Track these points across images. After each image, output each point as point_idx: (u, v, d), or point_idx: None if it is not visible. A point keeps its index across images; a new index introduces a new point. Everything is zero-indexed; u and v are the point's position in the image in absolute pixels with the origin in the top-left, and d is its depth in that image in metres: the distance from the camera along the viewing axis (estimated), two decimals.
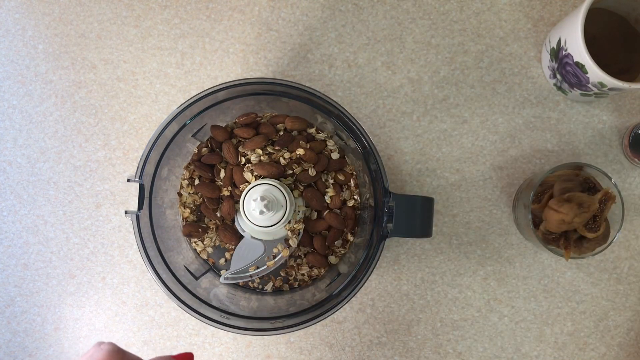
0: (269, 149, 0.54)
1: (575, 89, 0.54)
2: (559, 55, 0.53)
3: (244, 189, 0.51)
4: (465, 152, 0.58)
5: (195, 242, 0.56)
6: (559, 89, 0.57)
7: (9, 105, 0.59)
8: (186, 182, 0.55)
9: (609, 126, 0.58)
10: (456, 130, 0.58)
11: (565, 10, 0.58)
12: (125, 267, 0.59)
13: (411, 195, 0.47)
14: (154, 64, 0.59)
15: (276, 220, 0.50)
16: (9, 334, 0.59)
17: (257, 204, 0.49)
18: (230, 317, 0.48)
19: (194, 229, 0.55)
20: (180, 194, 0.56)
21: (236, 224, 0.55)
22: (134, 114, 0.59)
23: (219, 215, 0.55)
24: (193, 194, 0.56)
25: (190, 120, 0.49)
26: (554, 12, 0.58)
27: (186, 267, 0.52)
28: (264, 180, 0.51)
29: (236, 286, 0.56)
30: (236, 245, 0.54)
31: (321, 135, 0.55)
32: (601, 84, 0.50)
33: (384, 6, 0.59)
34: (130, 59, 0.59)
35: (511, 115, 0.58)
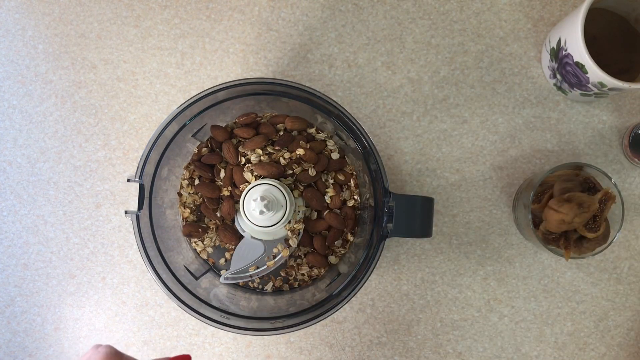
0: (269, 149, 0.54)
1: (575, 89, 0.54)
2: (559, 55, 0.53)
3: (244, 189, 0.51)
4: (465, 152, 0.58)
5: (195, 242, 0.56)
6: (559, 89, 0.57)
7: (9, 105, 0.59)
8: (186, 182, 0.55)
9: (609, 126, 0.58)
10: (456, 130, 0.58)
11: (565, 10, 0.58)
12: (125, 267, 0.59)
13: (411, 195, 0.47)
14: (154, 64, 0.59)
15: (276, 220, 0.50)
16: (9, 334, 0.59)
17: (257, 204, 0.49)
18: (230, 317, 0.48)
19: (194, 229, 0.55)
20: (180, 194, 0.56)
21: (236, 224, 0.55)
22: (134, 114, 0.59)
23: (219, 215, 0.55)
24: (193, 194, 0.56)
25: (190, 120, 0.49)
26: (554, 12, 0.58)
27: (186, 267, 0.52)
28: (264, 180, 0.51)
29: (236, 286, 0.56)
30: (236, 245, 0.54)
31: (321, 135, 0.55)
32: (601, 84, 0.50)
33: (384, 6, 0.59)
34: (130, 59, 0.59)
35: (511, 115, 0.58)
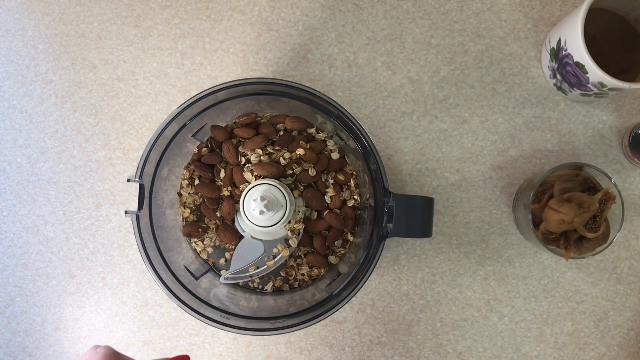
0: (269, 149, 0.54)
1: (575, 89, 0.54)
2: (559, 55, 0.53)
3: (244, 189, 0.51)
4: (465, 152, 0.58)
5: (195, 242, 0.56)
6: (559, 89, 0.57)
7: (9, 105, 0.59)
8: (186, 182, 0.55)
9: (609, 126, 0.58)
10: (456, 130, 0.58)
11: (565, 10, 0.58)
12: (125, 267, 0.59)
13: (411, 195, 0.47)
14: (154, 64, 0.59)
15: (276, 220, 0.50)
16: (9, 334, 0.59)
17: (257, 204, 0.49)
18: (230, 317, 0.48)
19: (194, 229, 0.55)
20: (180, 194, 0.56)
21: (236, 224, 0.55)
22: (134, 114, 0.59)
23: (219, 215, 0.55)
24: (193, 194, 0.55)
25: (190, 120, 0.49)
26: (554, 12, 0.58)
27: (186, 267, 0.52)
28: (264, 180, 0.51)
29: (236, 286, 0.56)
30: (236, 245, 0.54)
31: (321, 135, 0.55)
32: (601, 84, 0.50)
33: (384, 6, 0.59)
34: (130, 59, 0.59)
35: (511, 115, 0.58)
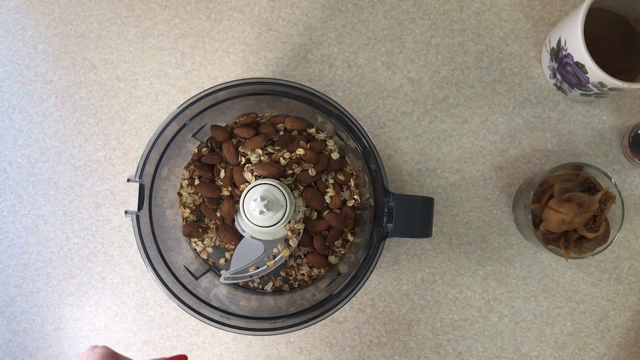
0: (269, 149, 0.54)
1: (575, 89, 0.54)
2: (559, 55, 0.53)
3: (244, 189, 0.51)
4: (465, 152, 0.58)
5: (195, 242, 0.56)
6: (559, 89, 0.57)
7: (9, 105, 0.59)
8: (186, 182, 0.55)
9: (609, 126, 0.58)
10: (456, 130, 0.58)
11: (565, 10, 0.58)
12: (125, 267, 0.59)
13: (411, 195, 0.47)
14: (154, 64, 0.59)
15: (276, 220, 0.50)
16: (9, 334, 0.59)
17: (257, 204, 0.49)
18: (230, 317, 0.48)
19: (194, 229, 0.55)
20: (180, 194, 0.56)
21: (236, 224, 0.55)
22: (134, 114, 0.59)
23: (219, 215, 0.55)
24: (193, 194, 0.55)
25: (190, 120, 0.49)
26: (554, 12, 0.58)
27: (186, 267, 0.52)
28: (264, 180, 0.51)
29: (236, 286, 0.56)
30: (236, 245, 0.54)
31: (321, 135, 0.55)
32: (601, 84, 0.50)
33: (384, 6, 0.59)
34: (130, 59, 0.59)
35: (511, 115, 0.58)
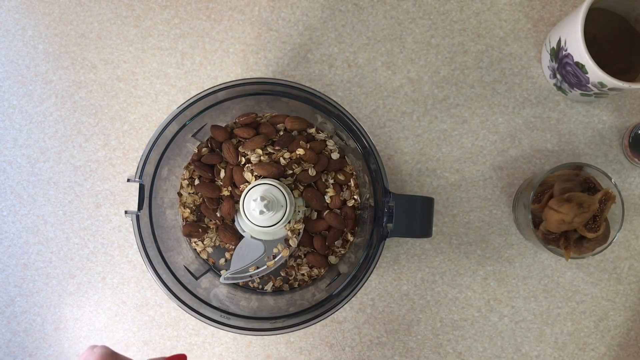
0: (269, 149, 0.54)
1: (575, 89, 0.54)
2: (559, 55, 0.53)
3: (244, 189, 0.51)
4: (465, 152, 0.58)
5: (195, 242, 0.56)
6: (559, 89, 0.57)
7: (9, 105, 0.59)
8: (186, 182, 0.55)
9: (609, 126, 0.58)
10: (456, 130, 0.58)
11: (565, 10, 0.58)
12: (125, 267, 0.59)
13: (411, 195, 0.47)
14: (154, 64, 0.59)
15: (276, 220, 0.50)
16: (9, 334, 0.59)
17: (257, 204, 0.49)
18: (230, 317, 0.48)
19: (194, 229, 0.55)
20: (180, 194, 0.56)
21: (236, 224, 0.55)
22: (134, 114, 0.59)
23: (219, 215, 0.55)
24: (193, 194, 0.55)
25: (190, 120, 0.49)
26: (554, 12, 0.58)
27: (186, 267, 0.52)
28: (264, 180, 0.51)
29: (236, 286, 0.56)
30: (236, 245, 0.54)
31: (321, 135, 0.55)
32: (601, 84, 0.50)
33: (384, 6, 0.59)
34: (130, 59, 0.59)
35: (511, 115, 0.58)
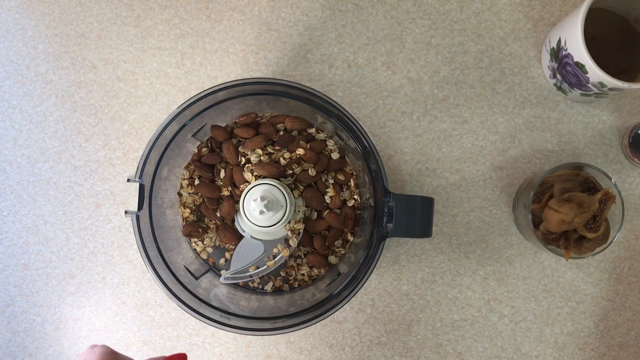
0: (269, 149, 0.54)
1: (575, 89, 0.54)
2: (559, 55, 0.53)
3: (244, 189, 0.51)
4: (465, 152, 0.58)
5: (195, 242, 0.56)
6: (559, 89, 0.57)
7: (9, 105, 0.59)
8: (186, 182, 0.55)
9: (609, 126, 0.58)
10: (456, 130, 0.58)
11: (565, 10, 0.58)
12: (125, 267, 0.59)
13: (411, 195, 0.47)
14: (154, 64, 0.59)
15: (276, 220, 0.50)
16: (9, 334, 0.59)
17: (257, 204, 0.49)
18: (230, 317, 0.48)
19: (194, 229, 0.55)
20: (180, 194, 0.56)
21: (236, 224, 0.55)
22: (134, 114, 0.59)
23: (219, 215, 0.55)
24: (193, 194, 0.55)
25: (190, 120, 0.49)
26: (554, 12, 0.58)
27: (186, 267, 0.52)
28: (264, 180, 0.51)
29: (236, 286, 0.56)
30: (236, 245, 0.54)
31: (321, 135, 0.55)
32: (601, 84, 0.50)
33: (384, 6, 0.59)
34: (130, 59, 0.59)
35: (511, 115, 0.58)
